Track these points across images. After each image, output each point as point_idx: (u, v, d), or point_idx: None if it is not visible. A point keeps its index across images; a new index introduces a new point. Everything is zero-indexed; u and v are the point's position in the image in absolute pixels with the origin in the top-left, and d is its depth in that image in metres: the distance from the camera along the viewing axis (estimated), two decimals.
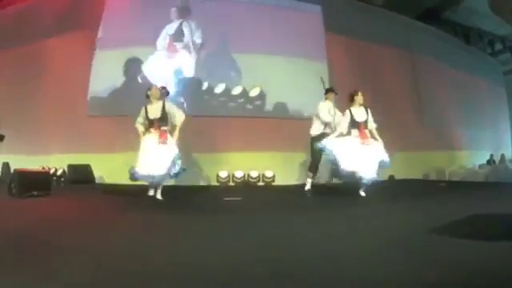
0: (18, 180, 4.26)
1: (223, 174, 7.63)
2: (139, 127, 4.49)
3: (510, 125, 13.24)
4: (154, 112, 4.40)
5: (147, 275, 1.51)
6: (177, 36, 8.21)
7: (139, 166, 4.22)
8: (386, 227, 2.61)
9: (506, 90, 13.27)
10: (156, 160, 4.18)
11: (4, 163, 6.80)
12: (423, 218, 2.92)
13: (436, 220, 2.65)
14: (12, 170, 5.46)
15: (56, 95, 7.61)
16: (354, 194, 4.46)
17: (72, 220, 2.93)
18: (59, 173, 6.71)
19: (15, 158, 6.69)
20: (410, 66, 10.20)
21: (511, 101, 13.39)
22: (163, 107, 4.40)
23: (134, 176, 4.23)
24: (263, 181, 7.75)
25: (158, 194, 4.30)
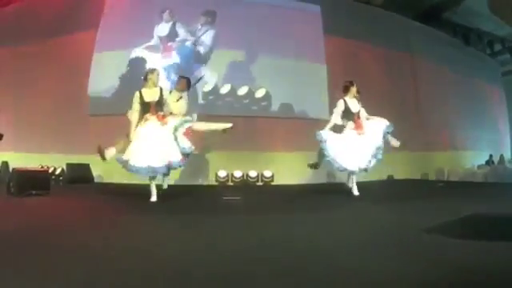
0: (16, 179, 4.26)
1: (222, 174, 7.65)
2: (135, 115, 3.91)
3: (508, 125, 13.27)
4: (151, 95, 3.93)
5: (146, 274, 1.50)
6: (172, 36, 8.22)
7: (132, 156, 3.71)
8: (386, 227, 2.62)
9: (504, 90, 13.31)
10: (156, 149, 3.70)
11: (3, 162, 6.79)
12: (422, 217, 2.92)
13: (434, 220, 2.66)
14: (11, 169, 5.47)
15: (56, 95, 7.62)
16: (351, 194, 4.48)
17: (71, 219, 2.92)
18: (58, 172, 6.71)
19: (14, 156, 6.68)
20: (409, 67, 10.22)
21: (510, 101, 13.42)
22: (161, 92, 4.00)
23: (131, 169, 3.73)
24: (262, 180, 7.76)
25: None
